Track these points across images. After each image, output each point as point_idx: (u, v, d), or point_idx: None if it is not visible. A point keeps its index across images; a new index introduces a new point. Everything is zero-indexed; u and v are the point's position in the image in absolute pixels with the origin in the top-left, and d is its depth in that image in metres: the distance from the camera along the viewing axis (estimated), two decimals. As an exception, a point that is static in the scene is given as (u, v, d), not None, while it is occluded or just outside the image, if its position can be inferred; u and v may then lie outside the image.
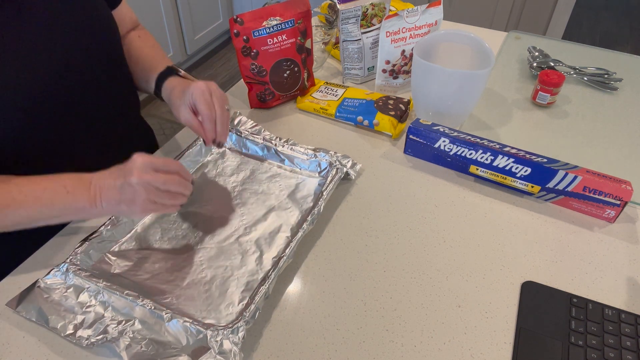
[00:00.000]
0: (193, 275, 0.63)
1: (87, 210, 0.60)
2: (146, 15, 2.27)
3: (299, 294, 0.62)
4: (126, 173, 0.58)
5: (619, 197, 0.68)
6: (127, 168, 0.58)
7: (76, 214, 0.61)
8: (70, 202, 0.59)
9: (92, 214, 0.61)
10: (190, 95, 0.68)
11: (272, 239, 0.68)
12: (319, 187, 0.76)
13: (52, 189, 0.59)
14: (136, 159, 0.58)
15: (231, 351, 0.52)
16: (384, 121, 0.86)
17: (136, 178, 0.57)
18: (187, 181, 0.62)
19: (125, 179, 0.58)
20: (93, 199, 0.59)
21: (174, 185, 0.60)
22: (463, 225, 0.71)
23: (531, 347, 0.56)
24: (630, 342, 0.56)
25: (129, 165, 0.59)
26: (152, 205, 0.59)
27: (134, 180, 0.57)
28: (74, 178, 0.60)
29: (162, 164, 0.59)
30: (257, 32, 0.83)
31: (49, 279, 0.60)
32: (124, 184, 0.58)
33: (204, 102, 0.68)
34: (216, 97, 0.69)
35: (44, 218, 0.60)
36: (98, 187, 0.59)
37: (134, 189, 0.57)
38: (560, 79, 0.92)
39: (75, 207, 0.60)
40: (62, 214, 0.61)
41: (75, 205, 0.59)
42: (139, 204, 0.58)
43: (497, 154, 0.73)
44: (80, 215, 0.63)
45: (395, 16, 0.87)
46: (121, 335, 0.54)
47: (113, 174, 0.60)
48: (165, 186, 0.59)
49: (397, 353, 0.56)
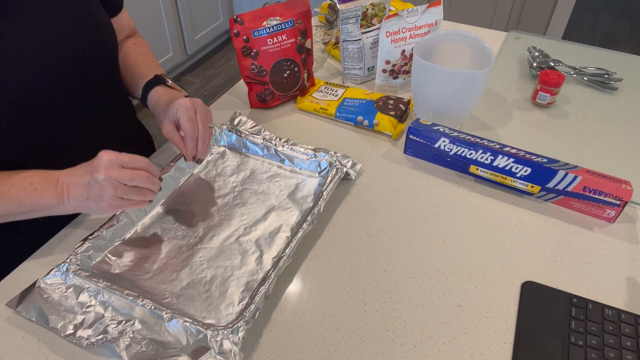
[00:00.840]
0: (193, 275, 0.63)
1: (55, 207, 0.61)
2: (146, 15, 2.27)
3: (299, 294, 0.62)
4: (93, 170, 0.58)
5: (619, 197, 0.68)
6: (93, 165, 0.59)
7: (44, 210, 0.62)
8: (37, 199, 0.60)
9: (60, 211, 0.61)
10: (174, 111, 0.68)
11: (272, 239, 0.68)
12: (319, 187, 0.76)
13: (19, 185, 0.60)
14: (102, 156, 0.58)
15: (231, 351, 0.52)
16: (384, 121, 0.86)
17: (103, 175, 0.57)
18: (155, 177, 0.62)
19: (92, 175, 0.58)
20: (60, 195, 0.60)
21: (142, 181, 0.60)
22: (463, 225, 0.71)
23: (531, 347, 0.56)
24: (630, 342, 0.56)
25: (95, 161, 0.59)
26: (119, 202, 0.59)
27: (100, 177, 0.57)
28: (42, 175, 0.61)
29: (129, 160, 0.59)
30: (257, 32, 0.83)
31: (49, 279, 0.60)
32: (91, 181, 0.58)
33: (187, 119, 0.68)
34: (200, 115, 0.69)
35: (12, 214, 0.61)
36: (65, 184, 0.60)
37: (101, 185, 0.58)
38: (560, 79, 0.92)
39: (42, 204, 0.60)
40: (30, 210, 0.61)
41: (42, 202, 0.60)
42: (106, 200, 0.58)
43: (497, 154, 0.73)
44: (48, 212, 0.63)
45: (395, 16, 0.87)
46: (121, 335, 0.54)
47: (80, 171, 0.60)
48: (132, 182, 0.59)
49: (397, 353, 0.56)
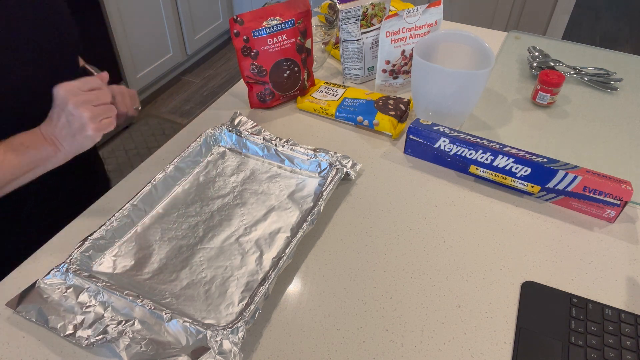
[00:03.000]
0: (193, 275, 0.63)
1: (53, 157, 0.63)
2: (146, 15, 2.27)
3: (299, 294, 0.62)
4: (60, 106, 0.59)
5: (619, 197, 0.68)
6: (57, 103, 0.60)
7: (44, 164, 0.64)
8: (34, 155, 0.62)
9: (58, 159, 0.64)
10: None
11: (272, 239, 0.68)
12: (319, 187, 0.76)
13: (11, 150, 0.62)
14: (59, 91, 0.59)
15: (231, 351, 0.52)
16: (384, 121, 0.86)
17: (71, 104, 0.58)
18: (109, 90, 0.64)
19: (63, 110, 0.59)
20: (52, 144, 0.62)
21: (105, 96, 0.61)
22: (463, 225, 0.71)
23: (531, 347, 0.56)
24: (630, 342, 0.56)
25: (57, 100, 0.60)
26: (99, 123, 0.61)
27: (70, 107, 0.58)
28: (25, 135, 0.63)
29: (83, 83, 0.60)
30: (257, 32, 0.83)
31: (49, 279, 0.60)
32: (67, 116, 0.59)
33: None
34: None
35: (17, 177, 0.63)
36: (49, 133, 0.62)
37: (76, 114, 0.59)
38: (560, 79, 0.92)
39: (41, 157, 0.63)
40: (32, 168, 0.63)
41: (39, 155, 0.62)
42: (88, 125, 0.60)
43: (497, 154, 0.73)
44: (48, 165, 0.64)
45: (395, 16, 0.87)
46: (121, 336, 0.54)
47: (53, 117, 0.61)
48: (98, 100, 0.60)
49: (397, 353, 0.56)
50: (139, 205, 0.70)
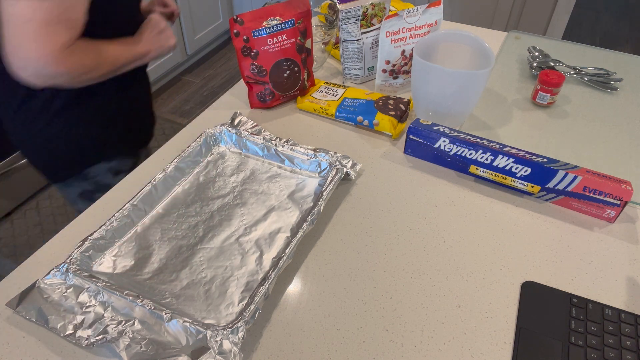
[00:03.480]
0: (193, 275, 0.63)
1: (145, 56, 0.86)
2: (146, 15, 2.26)
3: (299, 294, 0.62)
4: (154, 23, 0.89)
5: (619, 197, 0.68)
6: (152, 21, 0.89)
7: (141, 58, 0.85)
8: (136, 49, 0.84)
9: (148, 59, 0.88)
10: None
11: (272, 239, 0.68)
12: (319, 187, 0.76)
13: (116, 45, 0.81)
14: (154, 17, 0.90)
15: (231, 351, 0.52)
16: (384, 121, 0.86)
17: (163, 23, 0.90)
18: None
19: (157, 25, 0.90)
20: (145, 46, 0.86)
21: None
22: (463, 225, 0.71)
23: (531, 347, 0.56)
24: (630, 342, 0.56)
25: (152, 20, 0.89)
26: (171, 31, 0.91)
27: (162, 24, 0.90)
28: (132, 38, 0.86)
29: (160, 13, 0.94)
30: (257, 32, 0.83)
31: (49, 279, 0.60)
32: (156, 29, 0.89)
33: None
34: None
35: (121, 65, 0.82)
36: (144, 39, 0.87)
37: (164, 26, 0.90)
38: (560, 79, 0.92)
39: (140, 52, 0.84)
40: (131, 61, 0.84)
41: (139, 50, 0.84)
42: (168, 30, 0.91)
43: (497, 154, 0.73)
44: (141, 61, 0.86)
45: (395, 16, 0.87)
46: (121, 336, 0.54)
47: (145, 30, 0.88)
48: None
49: (397, 353, 0.56)
50: (139, 205, 0.70)
